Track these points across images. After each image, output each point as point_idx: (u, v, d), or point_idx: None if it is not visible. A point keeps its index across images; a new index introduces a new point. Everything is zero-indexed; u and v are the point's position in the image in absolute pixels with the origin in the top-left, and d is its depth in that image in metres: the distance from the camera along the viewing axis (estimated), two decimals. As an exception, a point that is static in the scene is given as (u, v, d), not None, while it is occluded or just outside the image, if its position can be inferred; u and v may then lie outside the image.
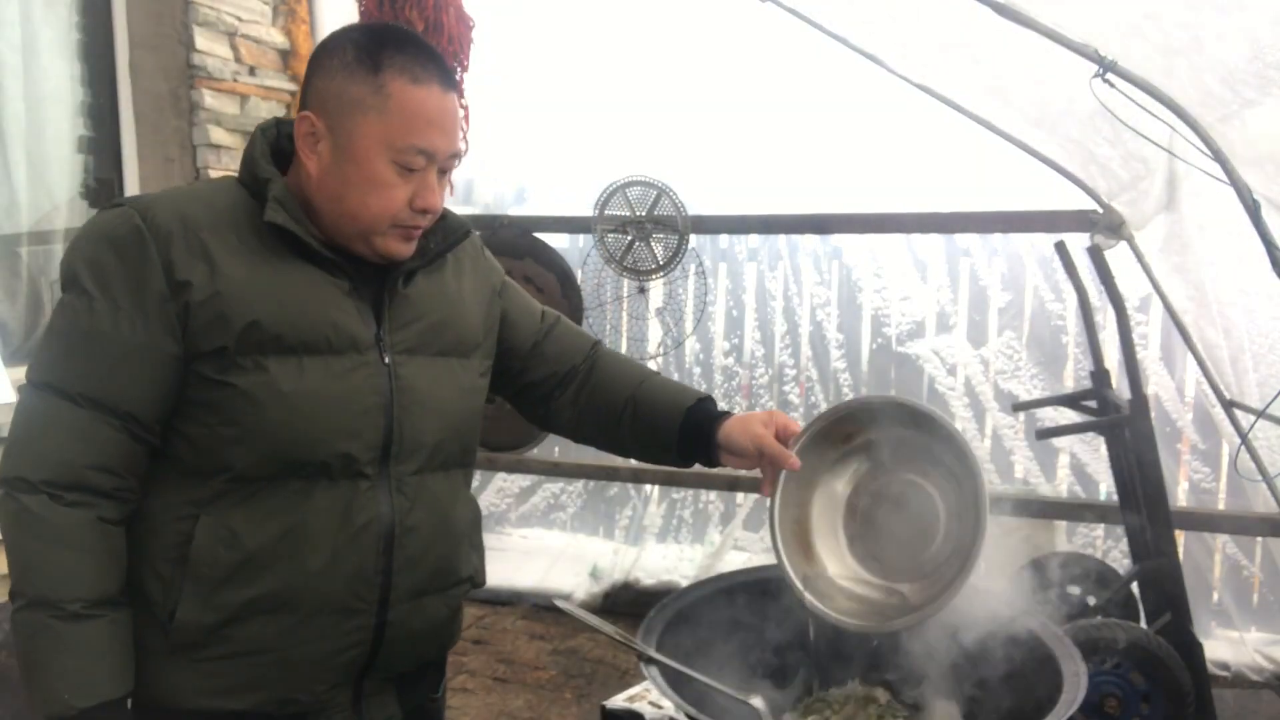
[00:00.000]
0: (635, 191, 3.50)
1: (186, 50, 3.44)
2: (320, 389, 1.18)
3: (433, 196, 1.22)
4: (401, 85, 1.17)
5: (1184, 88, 2.07)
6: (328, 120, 1.19)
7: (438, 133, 1.19)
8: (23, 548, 1.11)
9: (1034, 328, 3.85)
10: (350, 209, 1.20)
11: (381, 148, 1.17)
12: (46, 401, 1.13)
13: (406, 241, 1.24)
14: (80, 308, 1.13)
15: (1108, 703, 2.52)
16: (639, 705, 1.66)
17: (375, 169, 1.18)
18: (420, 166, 1.19)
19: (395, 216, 1.20)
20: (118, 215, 1.16)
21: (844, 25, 2.93)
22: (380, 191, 1.18)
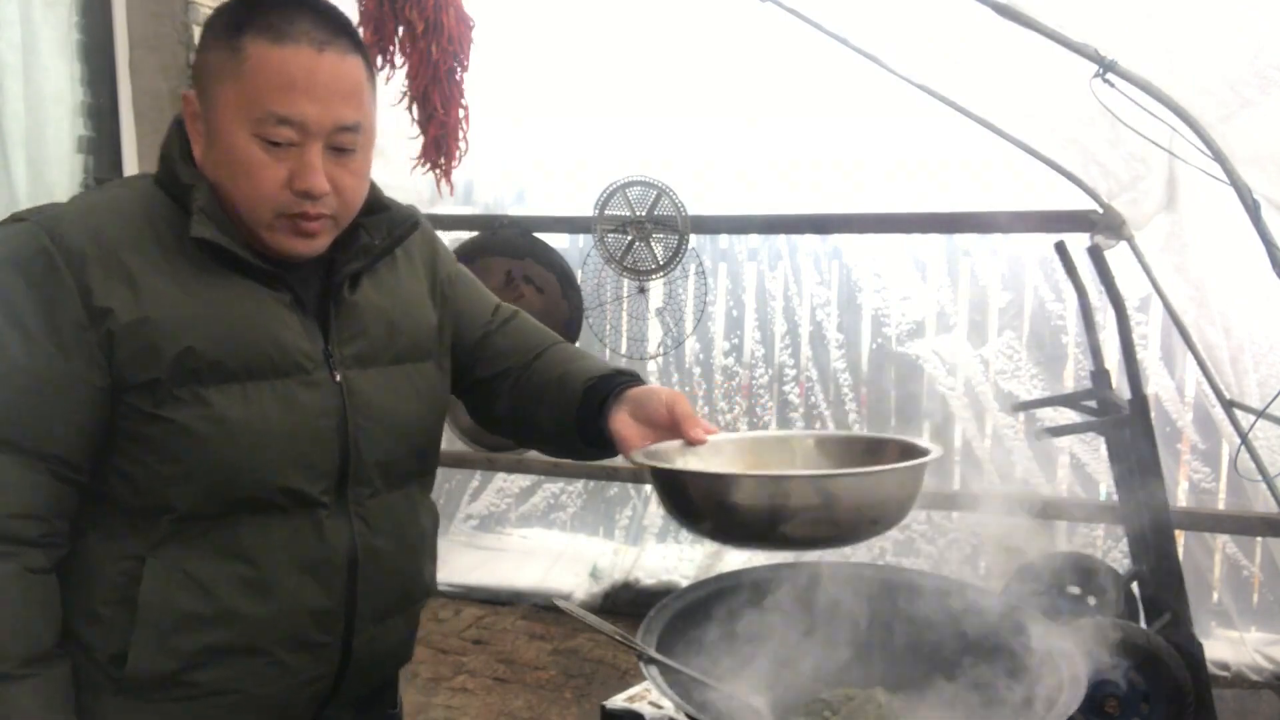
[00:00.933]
0: (635, 191, 3.50)
1: (186, 50, 3.44)
2: (266, 417, 1.08)
3: (313, 176, 1.05)
4: (260, 45, 1.02)
5: (1184, 88, 2.07)
6: (201, 96, 1.07)
7: (303, 97, 1.03)
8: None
9: (1034, 328, 3.85)
10: (227, 194, 1.07)
11: (240, 119, 1.03)
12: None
13: (300, 236, 1.09)
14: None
15: (1108, 703, 2.51)
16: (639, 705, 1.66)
17: (236, 144, 1.04)
18: (289, 139, 1.04)
19: (274, 202, 1.06)
20: (22, 234, 1.03)
21: (843, 25, 2.93)
22: (248, 172, 1.04)
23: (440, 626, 3.82)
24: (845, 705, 1.29)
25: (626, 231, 3.52)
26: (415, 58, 3.08)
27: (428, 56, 3.07)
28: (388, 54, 3.12)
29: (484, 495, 4.54)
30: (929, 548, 4.02)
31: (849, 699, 1.31)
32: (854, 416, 4.09)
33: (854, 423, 4.08)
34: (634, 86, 4.03)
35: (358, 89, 1.09)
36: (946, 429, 3.99)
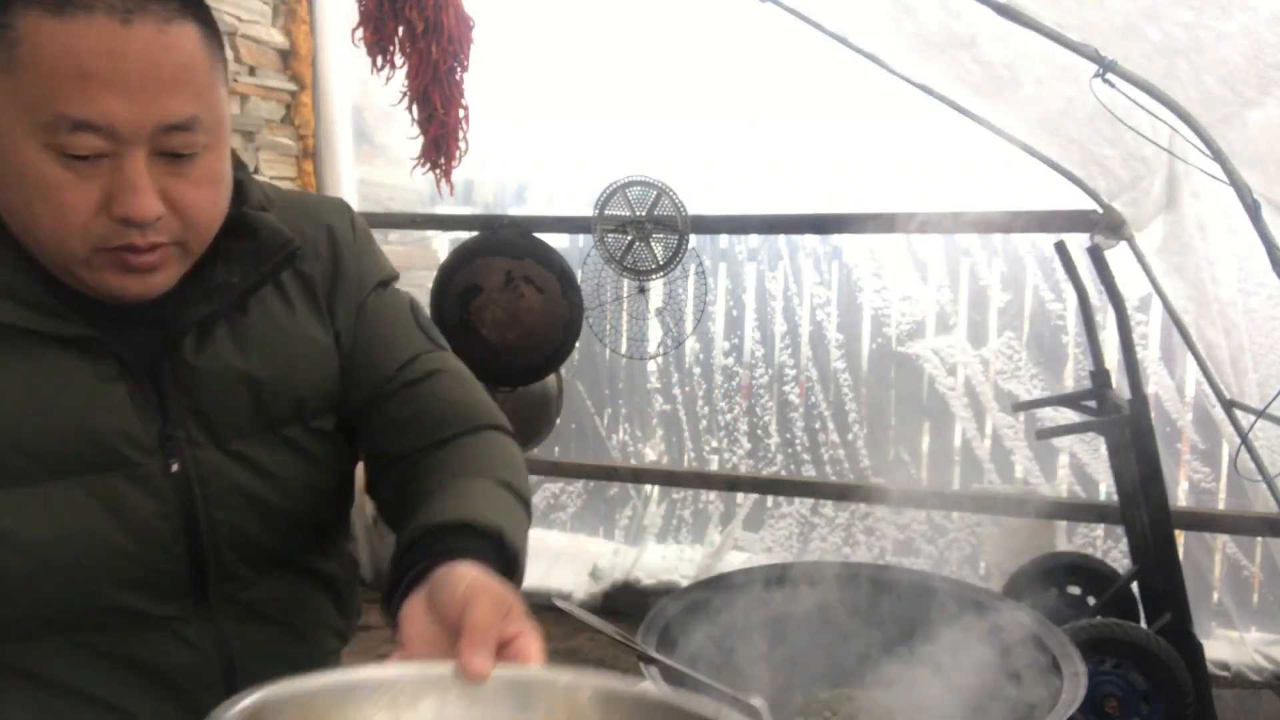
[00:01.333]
0: (635, 191, 3.49)
1: (186, 50, 3.44)
2: (77, 526, 0.83)
3: (135, 198, 0.77)
4: (34, 19, 0.73)
5: (1184, 88, 2.07)
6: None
7: (106, 90, 0.74)
8: None
9: (1034, 328, 3.85)
10: (22, 224, 0.79)
11: (22, 125, 0.74)
12: None
13: (129, 272, 0.81)
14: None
15: (1108, 703, 2.51)
16: (639, 705, 1.66)
17: (23, 160, 0.75)
18: (95, 149, 0.76)
19: (87, 235, 0.78)
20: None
21: (843, 25, 2.94)
22: (44, 197, 0.76)
23: (440, 626, 3.82)
24: (845, 705, 1.29)
25: (626, 231, 3.52)
26: (415, 58, 3.08)
27: (428, 56, 3.07)
28: (388, 54, 3.13)
29: (484, 495, 4.54)
30: (929, 548, 4.02)
31: (849, 699, 1.31)
32: (854, 416, 4.09)
33: (854, 422, 4.08)
34: (634, 86, 4.04)
35: (189, 69, 0.78)
36: (946, 429, 3.99)
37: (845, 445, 4.11)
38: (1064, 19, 2.08)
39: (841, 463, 4.11)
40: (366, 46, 3.15)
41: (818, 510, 4.14)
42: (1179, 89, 2.07)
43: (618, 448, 4.44)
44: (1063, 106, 2.62)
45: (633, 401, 4.43)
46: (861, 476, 4.07)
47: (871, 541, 4.08)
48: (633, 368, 4.35)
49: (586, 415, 4.45)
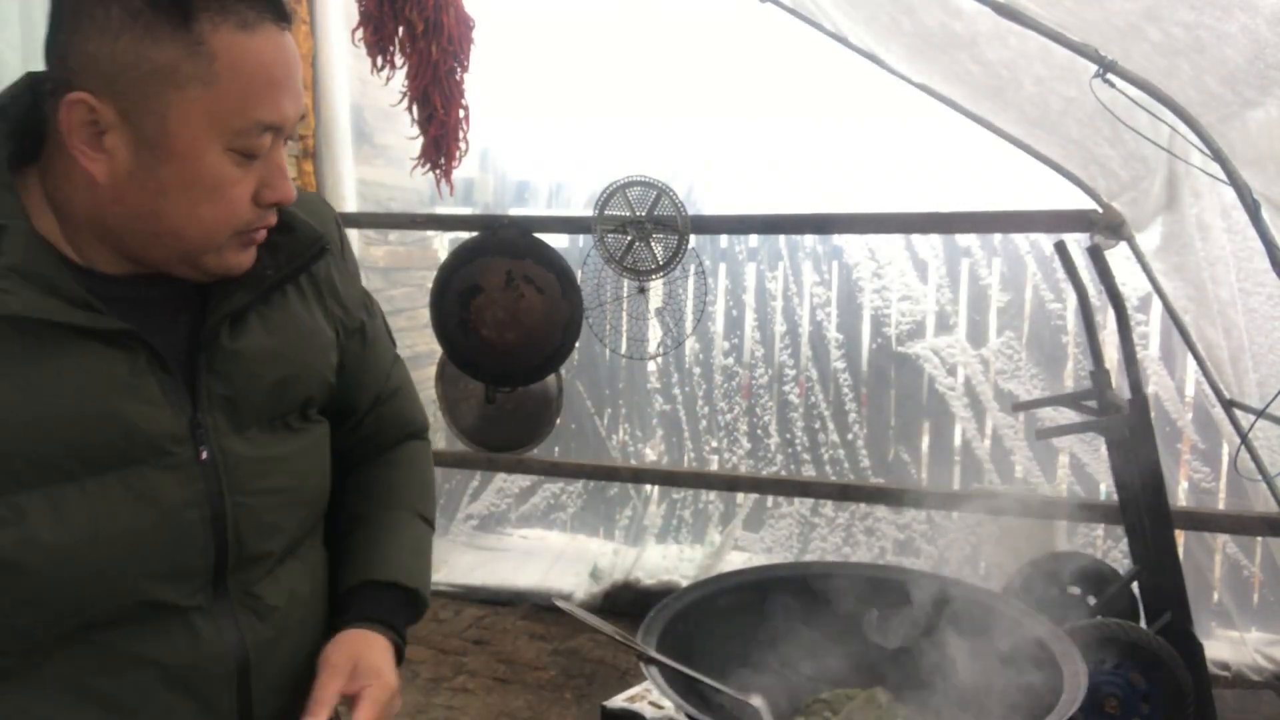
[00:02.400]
0: (635, 191, 3.50)
1: (186, 50, 3.44)
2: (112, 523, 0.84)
3: (285, 185, 0.87)
4: (229, 35, 0.79)
5: (1184, 88, 2.07)
6: (118, 101, 0.79)
7: (284, 94, 0.83)
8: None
9: (1034, 328, 3.85)
10: (172, 226, 0.83)
11: (210, 131, 0.81)
12: None
13: (247, 249, 0.90)
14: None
15: (1108, 703, 2.51)
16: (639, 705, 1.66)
17: (205, 165, 0.82)
18: (264, 148, 0.84)
19: (240, 223, 0.86)
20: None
21: (843, 25, 2.93)
22: (218, 195, 0.83)
23: (440, 626, 3.82)
24: (845, 705, 1.29)
25: (626, 231, 3.52)
26: (415, 58, 3.08)
27: (428, 56, 3.07)
28: (388, 54, 3.13)
29: (484, 495, 4.54)
30: (929, 548, 4.03)
31: (849, 699, 1.31)
32: (854, 416, 4.09)
33: (854, 422, 4.09)
34: (634, 87, 4.04)
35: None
36: (946, 429, 3.99)
37: (845, 445, 4.11)
38: (1064, 19, 2.08)
39: (841, 463, 4.11)
40: (366, 46, 3.15)
41: (818, 510, 4.14)
42: (1179, 89, 2.07)
43: (618, 448, 4.44)
44: (1063, 106, 2.62)
45: (633, 401, 4.43)
46: (861, 476, 4.07)
47: (871, 541, 4.08)
48: (633, 368, 4.36)
49: (586, 415, 4.45)
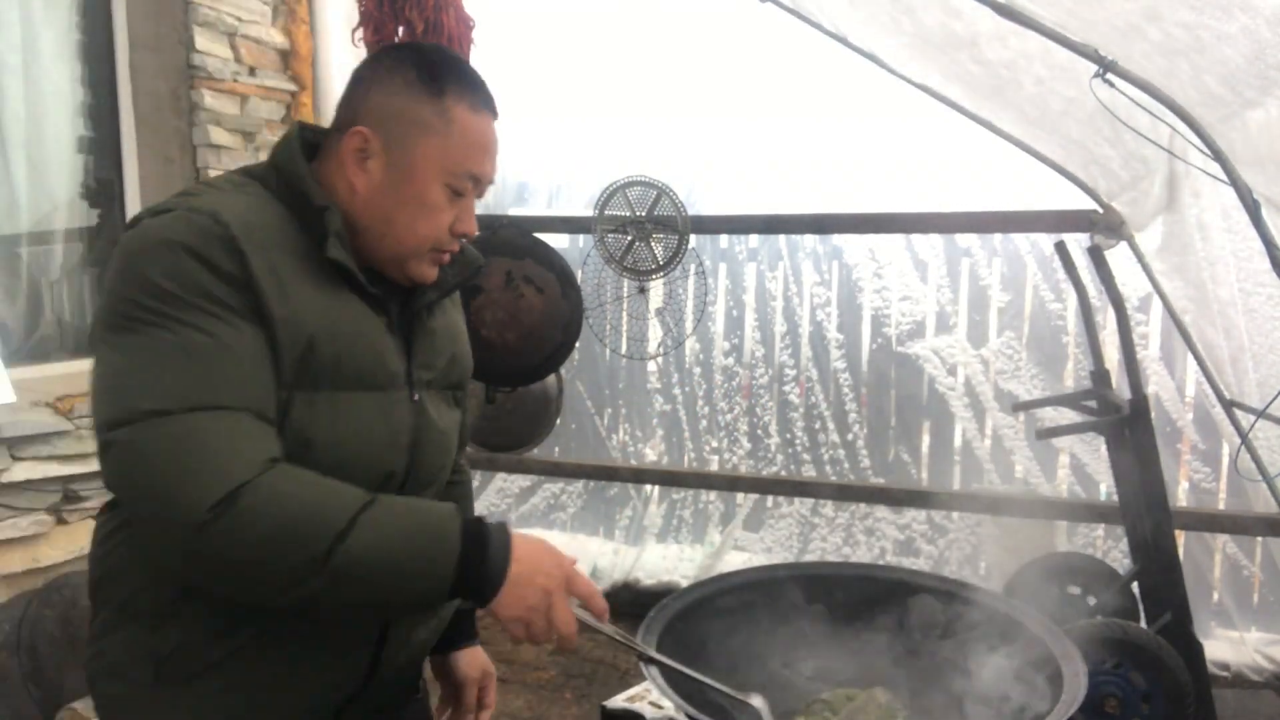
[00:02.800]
0: (635, 191, 3.50)
1: (186, 50, 3.44)
2: (367, 424, 1.16)
3: (473, 222, 1.24)
4: (463, 110, 1.18)
5: (1185, 88, 2.07)
6: (385, 138, 1.17)
7: (489, 160, 1.22)
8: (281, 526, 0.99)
9: (1034, 328, 3.85)
10: (398, 231, 1.19)
11: (438, 170, 1.17)
12: (200, 421, 1.01)
13: (435, 266, 1.25)
14: (185, 320, 1.03)
15: (1108, 703, 2.52)
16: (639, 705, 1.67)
17: (429, 190, 1.18)
18: (467, 191, 1.21)
19: (437, 240, 1.21)
20: (189, 220, 1.07)
21: (843, 25, 2.93)
22: (429, 214, 1.19)
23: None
24: (845, 705, 1.29)
25: (626, 231, 3.52)
26: (415, 58, 3.07)
27: (428, 56, 3.06)
28: (388, 54, 3.12)
29: (484, 495, 4.54)
30: (929, 548, 4.03)
31: (849, 699, 1.31)
32: (854, 416, 4.09)
33: (854, 422, 4.09)
34: (634, 87, 4.04)
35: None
36: (946, 429, 3.99)
37: (845, 445, 4.11)
38: (1064, 19, 2.08)
39: (841, 463, 4.11)
40: (366, 46, 3.14)
41: (818, 510, 4.14)
42: (1179, 89, 2.07)
43: (618, 448, 4.44)
44: (1063, 107, 2.62)
45: (633, 401, 4.43)
46: (861, 476, 4.07)
47: (871, 541, 4.08)
48: (633, 368, 4.35)
49: (586, 415, 4.45)
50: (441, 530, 1.05)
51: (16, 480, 2.82)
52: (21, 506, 2.86)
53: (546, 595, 1.11)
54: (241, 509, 0.98)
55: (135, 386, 1.02)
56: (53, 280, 3.36)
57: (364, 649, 1.21)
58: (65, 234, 3.39)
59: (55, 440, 2.93)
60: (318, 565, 0.99)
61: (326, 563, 0.99)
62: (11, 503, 2.83)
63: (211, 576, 1.04)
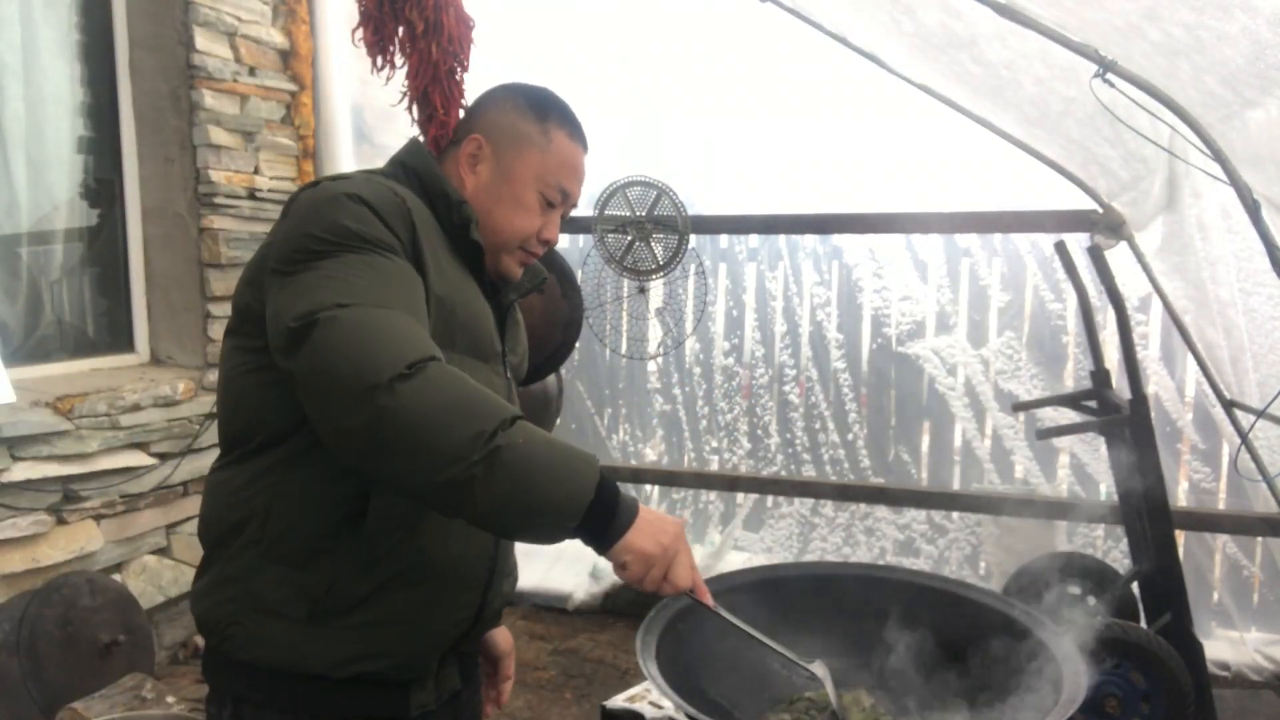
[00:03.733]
0: (635, 191, 3.50)
1: (186, 50, 3.44)
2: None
3: (555, 231, 1.43)
4: (562, 136, 1.39)
5: (1185, 88, 2.07)
6: (495, 146, 1.38)
7: (576, 181, 1.42)
8: (457, 399, 1.07)
9: (1034, 328, 3.85)
10: (495, 223, 1.38)
11: (535, 178, 1.38)
12: (393, 315, 1.12)
13: (520, 266, 1.43)
14: (367, 253, 1.17)
15: (1108, 703, 2.51)
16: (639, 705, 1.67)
17: (526, 193, 1.38)
18: (556, 203, 1.40)
19: (525, 240, 1.40)
20: (379, 185, 1.25)
21: (843, 25, 2.93)
22: (524, 214, 1.39)
23: (440, 626, 3.83)
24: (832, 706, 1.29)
25: (626, 231, 3.52)
26: (415, 58, 3.08)
27: (428, 56, 3.07)
28: (388, 54, 3.13)
29: (484, 495, 4.54)
30: (929, 548, 4.03)
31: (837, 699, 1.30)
32: (854, 416, 4.09)
33: (854, 422, 4.09)
34: (634, 86, 4.03)
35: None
36: (946, 429, 3.99)
37: (845, 445, 4.11)
38: (1064, 19, 2.08)
39: (841, 463, 4.11)
40: (366, 46, 3.14)
41: (818, 510, 4.14)
42: (1179, 89, 2.07)
43: (618, 448, 4.44)
44: (1063, 107, 2.62)
45: (633, 401, 4.43)
46: (861, 476, 4.07)
47: (871, 541, 4.08)
48: (633, 368, 4.35)
49: (586, 415, 4.45)
50: (585, 456, 1.12)
51: (16, 480, 2.82)
52: (21, 506, 2.86)
53: (676, 542, 1.18)
54: (431, 374, 1.07)
55: (328, 289, 1.12)
56: (53, 280, 3.37)
57: (476, 590, 1.34)
58: (65, 234, 3.39)
59: (55, 440, 2.93)
60: (484, 442, 1.05)
61: (490, 441, 1.05)
62: (11, 503, 2.83)
63: (386, 447, 1.07)
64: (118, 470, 3.12)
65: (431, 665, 1.33)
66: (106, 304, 3.53)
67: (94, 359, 3.43)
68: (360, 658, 1.24)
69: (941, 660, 1.36)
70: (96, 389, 3.09)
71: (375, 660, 1.25)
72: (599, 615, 4.04)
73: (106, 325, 3.54)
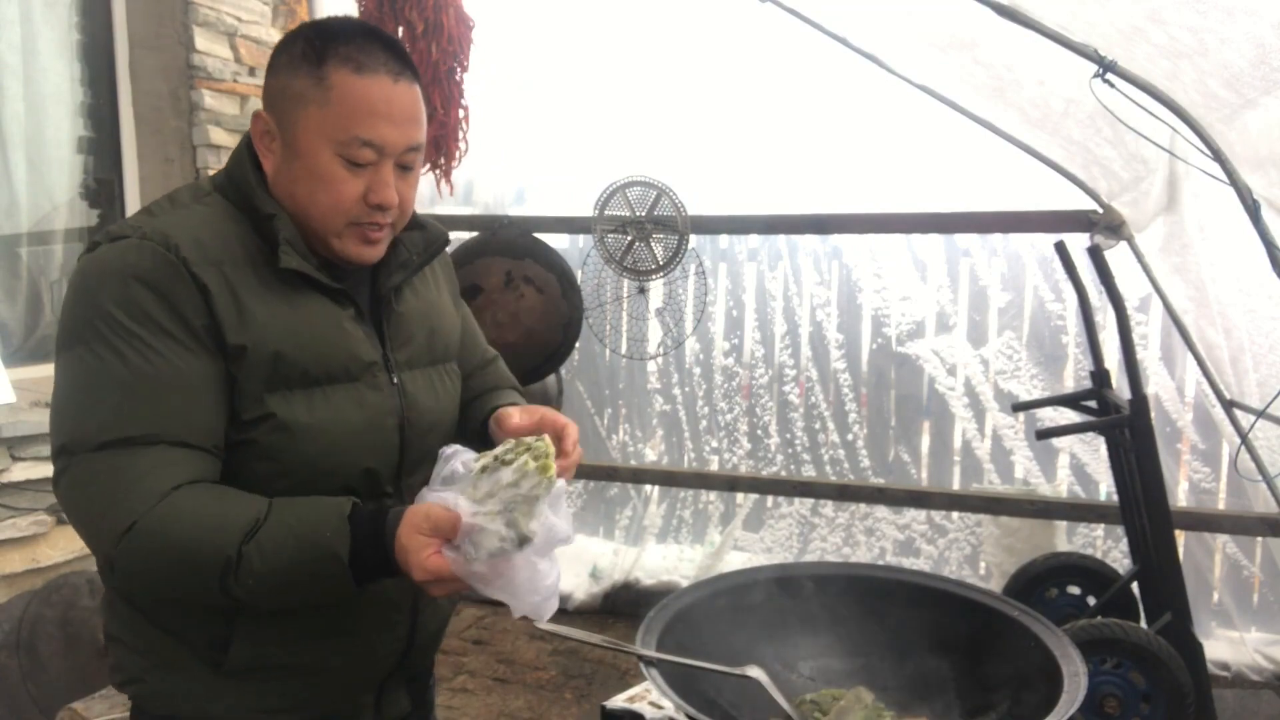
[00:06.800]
0: (635, 192, 3.50)
1: (186, 50, 3.44)
2: (345, 418, 1.19)
3: (386, 191, 1.17)
4: (344, 75, 1.13)
5: (1187, 90, 2.07)
6: (276, 117, 1.16)
7: (384, 123, 1.14)
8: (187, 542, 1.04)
9: (1034, 328, 3.85)
10: (302, 207, 1.17)
11: (324, 140, 1.13)
12: (116, 457, 1.06)
13: (367, 244, 1.20)
14: (125, 351, 1.07)
15: (1108, 703, 2.52)
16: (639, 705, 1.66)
17: (319, 163, 1.14)
18: (369, 160, 1.15)
19: (348, 213, 1.17)
20: (139, 248, 1.10)
21: (844, 25, 2.94)
22: (328, 187, 1.15)
23: (440, 626, 3.82)
24: (833, 705, 1.29)
25: (626, 231, 3.52)
26: (415, 58, 3.08)
27: (427, 57, 3.07)
28: (388, 54, 3.12)
29: (484, 495, 4.54)
30: (929, 548, 4.02)
31: (835, 699, 1.31)
32: (854, 417, 4.09)
33: (854, 422, 4.09)
34: (634, 86, 4.03)
35: (421, 114, 1.21)
36: (946, 429, 3.99)
37: (845, 445, 4.11)
38: (1066, 20, 2.08)
39: (841, 463, 4.11)
40: (366, 46, 3.14)
41: (818, 510, 4.14)
42: (1182, 91, 2.07)
43: (618, 448, 4.44)
44: (1064, 107, 2.62)
45: (633, 401, 4.43)
46: (861, 476, 4.07)
47: (871, 542, 4.08)
48: (633, 368, 4.35)
49: (586, 415, 4.44)
50: (327, 542, 1.05)
51: (16, 480, 2.82)
52: (21, 507, 2.86)
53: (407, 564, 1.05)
54: (134, 541, 1.04)
55: (72, 416, 1.09)
56: (53, 280, 3.36)
57: (400, 625, 1.28)
58: (65, 234, 3.39)
59: (55, 440, 2.93)
60: (219, 591, 1.05)
61: (225, 590, 1.05)
62: (11, 503, 2.83)
63: (142, 595, 1.15)
64: (118, 470, 3.12)
65: (365, 699, 1.29)
66: (106, 304, 3.53)
67: (94, 359, 3.42)
68: (281, 710, 1.21)
69: (941, 660, 1.36)
70: (96, 389, 3.09)
71: (295, 714, 1.22)
72: (599, 615, 4.04)
73: (106, 325, 3.53)
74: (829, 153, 3.96)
